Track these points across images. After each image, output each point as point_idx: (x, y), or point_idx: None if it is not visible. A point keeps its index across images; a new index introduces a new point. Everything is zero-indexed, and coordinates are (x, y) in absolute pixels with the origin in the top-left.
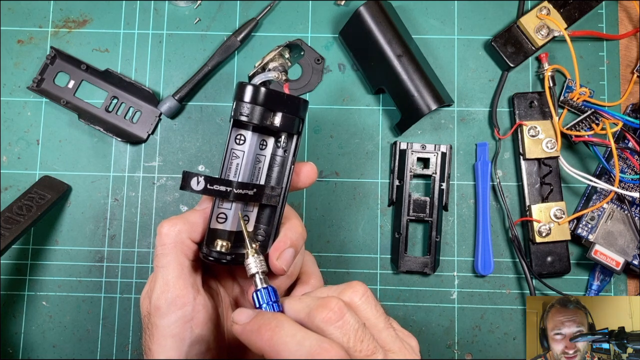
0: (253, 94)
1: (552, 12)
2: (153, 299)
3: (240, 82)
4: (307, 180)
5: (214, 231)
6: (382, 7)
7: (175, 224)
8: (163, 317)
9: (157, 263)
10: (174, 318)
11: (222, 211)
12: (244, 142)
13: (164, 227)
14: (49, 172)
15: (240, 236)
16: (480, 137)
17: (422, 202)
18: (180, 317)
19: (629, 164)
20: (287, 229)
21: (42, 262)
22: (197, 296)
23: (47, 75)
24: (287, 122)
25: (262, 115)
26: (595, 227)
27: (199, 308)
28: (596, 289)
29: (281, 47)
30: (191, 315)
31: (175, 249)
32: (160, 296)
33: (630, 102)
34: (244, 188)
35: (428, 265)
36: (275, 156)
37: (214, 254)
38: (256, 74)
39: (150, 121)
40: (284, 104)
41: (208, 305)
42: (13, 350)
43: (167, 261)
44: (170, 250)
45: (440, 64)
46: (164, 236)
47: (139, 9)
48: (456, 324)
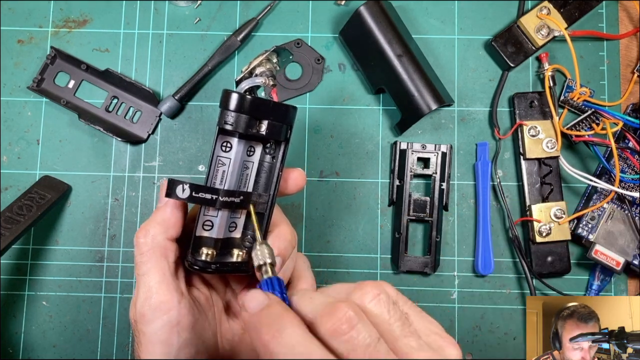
0: (238, 102)
1: (553, 11)
2: (138, 306)
3: (225, 89)
4: (295, 187)
5: (199, 239)
6: (382, 7)
7: (147, 231)
8: (149, 324)
9: (138, 272)
10: (159, 324)
11: (208, 219)
12: (230, 149)
13: (139, 237)
14: (49, 172)
15: (227, 243)
16: (481, 137)
17: (423, 202)
18: (166, 322)
19: (629, 164)
20: (275, 237)
21: (42, 262)
22: (182, 300)
23: (47, 75)
24: (274, 129)
25: (247, 123)
26: (595, 227)
27: (184, 312)
28: (596, 289)
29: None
30: (177, 320)
31: (154, 254)
32: (144, 303)
33: (631, 102)
34: (231, 196)
35: (428, 265)
36: (264, 162)
37: (199, 263)
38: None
39: (151, 121)
40: (270, 111)
41: (194, 307)
42: (13, 350)
43: (147, 268)
44: (148, 257)
45: (440, 64)
46: (141, 245)
47: (139, 8)
48: (456, 324)
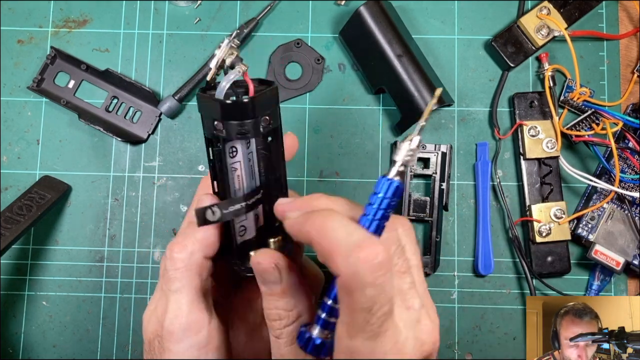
0: (241, 110)
1: (552, 12)
2: (166, 323)
3: (220, 100)
4: (291, 154)
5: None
6: (382, 7)
7: (185, 246)
8: (178, 342)
9: (168, 286)
10: (189, 344)
11: (240, 225)
12: (237, 153)
13: (174, 251)
14: (49, 172)
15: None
16: (481, 137)
17: (422, 202)
18: (196, 342)
19: (629, 164)
20: None
21: (42, 262)
22: (212, 320)
23: (47, 75)
24: (275, 117)
25: (256, 125)
26: (595, 227)
27: (214, 333)
28: (596, 289)
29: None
30: (207, 341)
31: (189, 272)
32: (174, 321)
33: (631, 102)
34: (252, 196)
35: (428, 265)
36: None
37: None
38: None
39: (151, 121)
40: (267, 102)
41: (221, 327)
42: (13, 350)
43: (180, 285)
44: (183, 274)
45: (440, 64)
46: (177, 260)
47: (139, 8)
48: (456, 324)
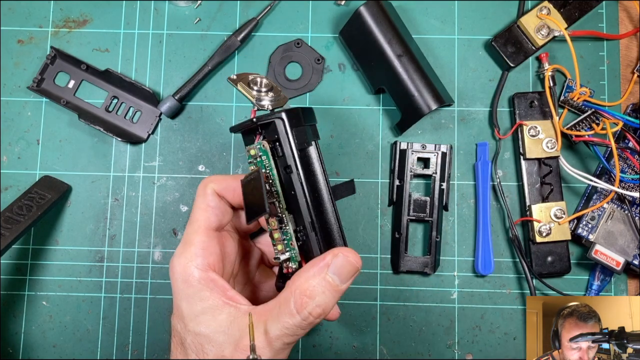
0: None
1: (553, 11)
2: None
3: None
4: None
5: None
6: (382, 7)
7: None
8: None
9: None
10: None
11: None
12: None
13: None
14: (49, 172)
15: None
16: (481, 137)
17: (423, 202)
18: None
19: (629, 164)
20: None
21: (42, 262)
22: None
23: (47, 75)
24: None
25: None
26: (595, 227)
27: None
28: (596, 289)
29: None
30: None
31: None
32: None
33: (631, 102)
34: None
35: (428, 265)
36: None
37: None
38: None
39: (151, 121)
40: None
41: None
42: (13, 350)
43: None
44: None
45: (440, 64)
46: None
47: (139, 9)
48: (456, 324)
